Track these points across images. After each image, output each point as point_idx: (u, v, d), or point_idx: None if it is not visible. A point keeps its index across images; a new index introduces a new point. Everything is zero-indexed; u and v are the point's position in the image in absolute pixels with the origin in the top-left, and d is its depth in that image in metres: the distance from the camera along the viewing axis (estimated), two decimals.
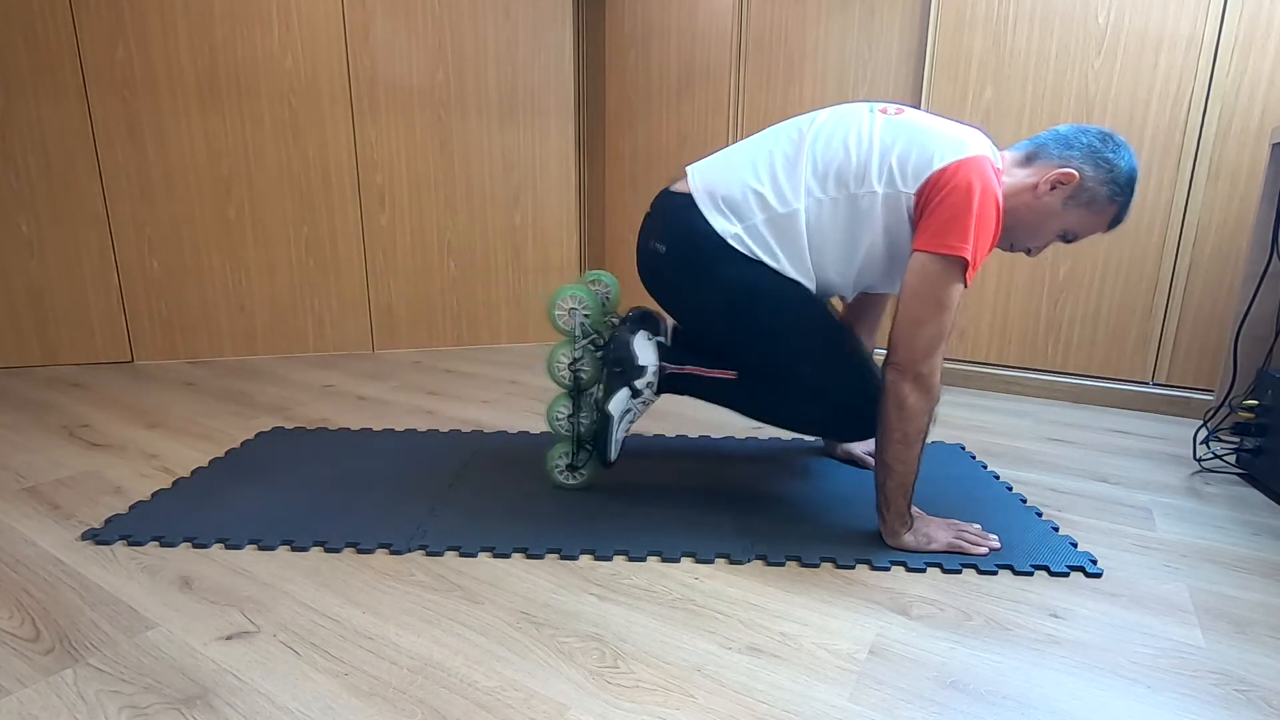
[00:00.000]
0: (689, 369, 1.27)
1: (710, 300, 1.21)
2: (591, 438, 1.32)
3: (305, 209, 2.31)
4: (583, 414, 1.32)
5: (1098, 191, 1.08)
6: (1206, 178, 1.81)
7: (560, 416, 1.34)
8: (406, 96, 2.35)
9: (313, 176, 2.29)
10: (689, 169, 1.25)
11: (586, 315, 1.29)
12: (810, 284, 1.19)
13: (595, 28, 2.66)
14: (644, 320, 1.32)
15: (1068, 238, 1.14)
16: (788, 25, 2.28)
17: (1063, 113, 1.93)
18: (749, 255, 1.17)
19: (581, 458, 1.34)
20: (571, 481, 1.36)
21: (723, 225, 1.17)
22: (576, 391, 1.31)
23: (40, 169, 2.06)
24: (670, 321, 1.37)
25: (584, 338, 1.30)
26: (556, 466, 1.35)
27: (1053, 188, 1.09)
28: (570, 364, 1.30)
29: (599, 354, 1.30)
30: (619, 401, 1.24)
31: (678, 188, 1.25)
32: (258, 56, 2.17)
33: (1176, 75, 1.80)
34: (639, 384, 1.25)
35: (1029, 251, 1.17)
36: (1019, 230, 1.13)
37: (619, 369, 1.24)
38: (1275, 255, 1.50)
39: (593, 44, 2.68)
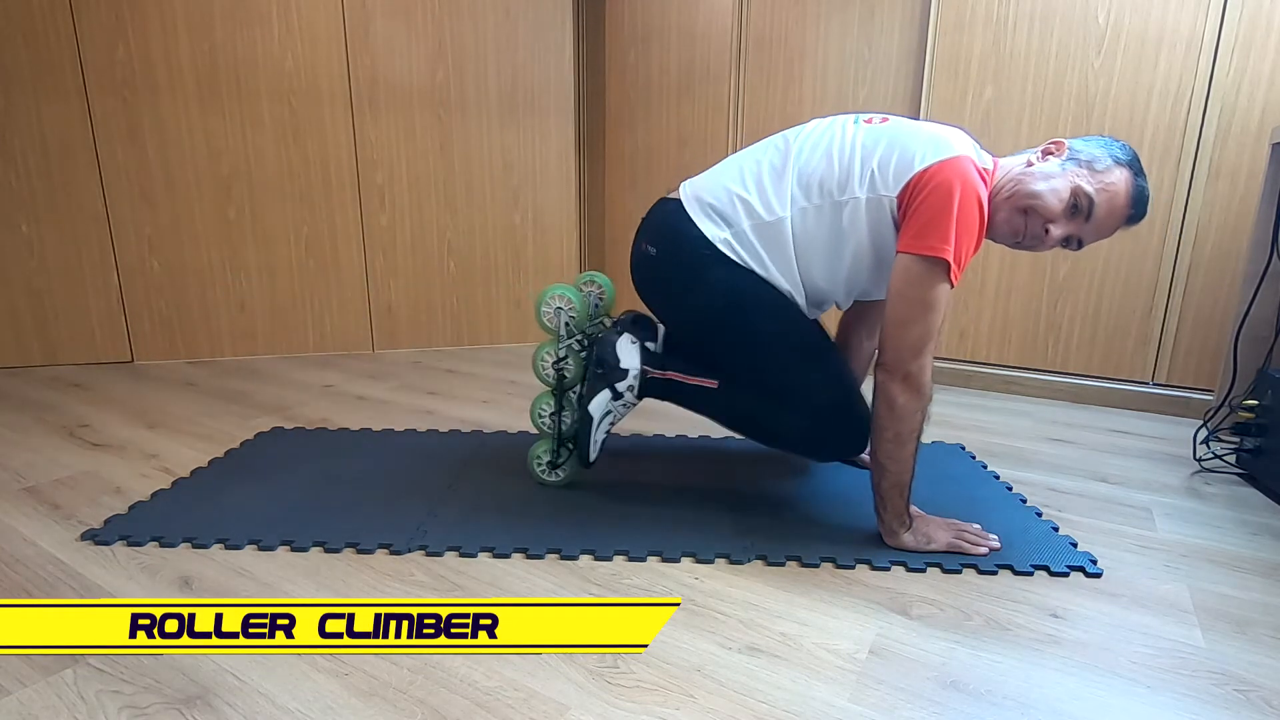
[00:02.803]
0: (670, 374, 1.28)
1: (698, 303, 1.22)
2: (572, 436, 1.33)
3: (305, 209, 2.31)
4: (565, 413, 1.33)
5: (1093, 153, 1.07)
6: (1206, 178, 1.81)
7: (543, 414, 1.35)
8: (406, 96, 2.35)
9: (313, 176, 2.29)
10: (683, 183, 1.27)
11: (572, 315, 1.31)
12: (799, 294, 1.20)
13: (595, 28, 2.66)
14: (635, 324, 1.33)
15: (1077, 239, 1.09)
16: (788, 25, 2.28)
17: (1063, 113, 1.93)
18: (738, 261, 1.18)
19: (562, 455, 1.35)
20: (552, 479, 1.36)
21: (712, 230, 1.19)
22: (560, 390, 1.32)
23: (40, 169, 2.05)
24: (663, 328, 1.37)
25: (569, 337, 1.31)
26: (538, 463, 1.36)
27: (1044, 156, 1.09)
28: (555, 362, 1.32)
29: (583, 354, 1.31)
30: (600, 402, 1.25)
31: (672, 195, 1.27)
32: (258, 56, 2.17)
33: (1176, 75, 1.80)
34: (620, 386, 1.26)
35: (1042, 238, 1.07)
36: (1028, 201, 1.06)
37: (601, 370, 1.25)
38: (1275, 255, 1.50)
39: (593, 44, 2.67)
